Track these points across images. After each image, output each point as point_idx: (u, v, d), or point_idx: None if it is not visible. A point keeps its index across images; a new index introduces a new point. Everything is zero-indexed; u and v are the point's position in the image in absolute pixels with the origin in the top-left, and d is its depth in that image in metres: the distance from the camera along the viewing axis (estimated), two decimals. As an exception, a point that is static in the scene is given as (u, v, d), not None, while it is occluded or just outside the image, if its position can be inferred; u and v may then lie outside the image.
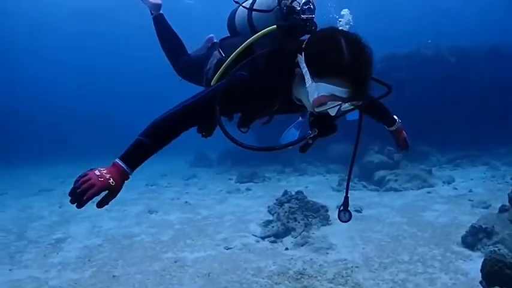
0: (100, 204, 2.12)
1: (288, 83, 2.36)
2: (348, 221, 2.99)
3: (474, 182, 10.75)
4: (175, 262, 6.18)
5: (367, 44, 2.09)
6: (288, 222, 7.27)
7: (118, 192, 2.16)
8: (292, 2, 2.56)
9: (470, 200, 8.69)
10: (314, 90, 2.07)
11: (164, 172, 15.60)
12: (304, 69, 2.13)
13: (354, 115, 3.07)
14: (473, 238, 6.12)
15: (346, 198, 2.98)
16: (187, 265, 6.04)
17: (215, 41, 3.57)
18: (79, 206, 2.05)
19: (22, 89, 38.01)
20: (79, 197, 2.02)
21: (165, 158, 19.11)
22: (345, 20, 2.98)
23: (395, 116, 3.34)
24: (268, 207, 8.69)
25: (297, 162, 14.39)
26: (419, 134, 13.46)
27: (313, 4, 2.52)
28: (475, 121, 13.82)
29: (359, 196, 10.03)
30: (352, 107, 2.15)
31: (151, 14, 3.92)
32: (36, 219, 9.20)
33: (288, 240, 6.91)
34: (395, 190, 10.38)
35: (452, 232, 6.74)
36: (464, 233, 6.24)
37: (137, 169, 2.27)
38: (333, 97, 2.04)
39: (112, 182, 2.09)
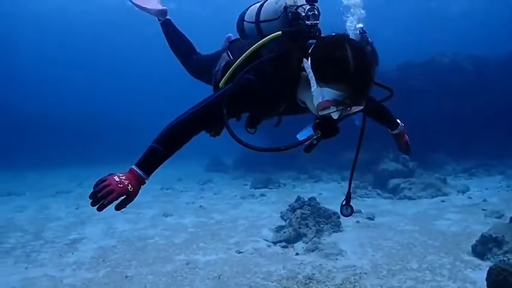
0: (118, 208, 2.25)
1: (293, 87, 2.45)
2: (350, 215, 3.06)
3: (489, 191, 10.74)
4: (187, 264, 6.28)
5: (370, 52, 2.19)
6: (299, 228, 7.34)
7: (135, 197, 2.28)
8: (297, 8, 2.64)
9: (483, 210, 8.69)
10: (319, 94, 2.16)
11: (180, 176, 15.77)
12: (310, 74, 2.21)
13: (360, 120, 3.17)
14: (483, 247, 6.12)
15: (349, 193, 3.05)
16: (198, 267, 6.14)
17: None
18: (99, 210, 2.18)
19: (40, 92, 38.60)
20: (100, 201, 2.15)
21: (181, 163, 19.30)
22: (355, 12, 2.99)
23: (398, 120, 3.41)
24: (281, 212, 8.77)
25: (312, 169, 14.47)
26: (435, 143, 13.53)
27: (317, 10, 2.61)
28: (491, 130, 13.77)
29: (372, 204, 10.08)
30: (354, 111, 2.24)
31: (159, 20, 4.06)
32: (53, 220, 9.40)
33: (299, 245, 6.98)
34: (409, 198, 10.39)
35: (463, 241, 6.74)
36: (475, 242, 6.26)
37: (153, 174, 2.40)
38: (337, 102, 2.13)
39: (130, 188, 2.22)
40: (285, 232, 7.31)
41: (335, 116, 2.20)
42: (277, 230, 7.64)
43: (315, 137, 2.37)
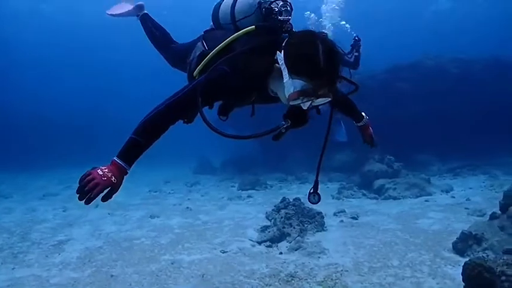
0: (105, 199, 2.36)
1: (265, 78, 2.59)
2: (317, 203, 3.20)
3: (473, 190, 10.88)
4: (172, 264, 6.36)
5: (339, 49, 2.32)
6: (283, 227, 7.44)
7: (119, 187, 2.40)
8: (270, 4, 2.76)
9: (466, 208, 8.81)
10: (290, 85, 2.30)
11: (168, 179, 15.79)
12: (283, 66, 2.34)
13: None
14: (463, 244, 6.26)
15: (316, 181, 3.19)
16: (183, 266, 6.23)
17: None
18: (87, 203, 2.29)
19: (35, 95, 38.45)
20: (86, 194, 2.26)
21: (170, 166, 19.34)
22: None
23: (363, 113, 3.55)
24: (266, 213, 8.86)
25: (299, 171, 14.53)
26: (421, 143, 13.69)
27: (290, 6, 2.74)
28: (476, 131, 13.94)
29: (358, 204, 10.20)
30: (322, 102, 2.38)
31: (137, 15, 4.21)
32: (40, 222, 9.43)
33: (283, 244, 7.08)
34: (394, 198, 10.51)
35: (444, 239, 6.87)
36: (455, 239, 6.38)
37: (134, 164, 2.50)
38: (306, 93, 2.27)
39: (114, 180, 2.34)
40: (269, 232, 7.40)
41: (304, 106, 2.35)
42: (262, 230, 7.73)
43: (285, 126, 2.48)
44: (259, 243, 7.20)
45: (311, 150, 11.86)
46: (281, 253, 6.69)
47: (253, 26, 2.67)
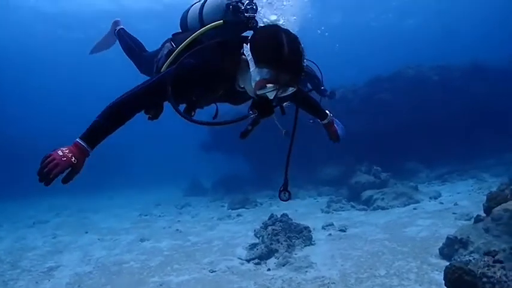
0: (65, 181, 2.35)
1: (232, 71, 2.70)
2: (288, 200, 3.25)
3: (461, 195, 10.93)
4: (161, 285, 6.38)
5: (301, 42, 2.44)
6: (271, 244, 7.45)
7: (81, 169, 2.39)
8: (237, 2, 2.89)
9: (454, 213, 8.85)
10: (257, 74, 2.42)
11: (159, 202, 15.77)
12: (250, 57, 2.47)
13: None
14: (449, 249, 6.30)
15: (286, 179, 3.25)
16: (171, 288, 6.23)
17: None
18: (46, 184, 2.28)
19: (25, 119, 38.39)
20: (46, 175, 2.24)
21: (161, 188, 19.29)
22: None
23: (327, 111, 3.68)
24: (255, 230, 8.87)
25: (289, 187, 14.54)
26: (408, 152, 13.80)
27: (255, 5, 2.87)
28: (463, 136, 14.08)
29: (346, 216, 10.23)
30: (287, 93, 2.49)
31: (114, 30, 4.37)
32: (30, 250, 9.40)
33: (272, 261, 7.09)
34: (382, 208, 10.56)
35: (431, 245, 6.90)
36: (441, 245, 6.42)
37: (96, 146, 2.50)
38: (272, 81, 2.38)
39: (74, 160, 2.33)
40: (257, 249, 7.41)
41: (271, 95, 2.45)
42: (250, 247, 7.75)
43: (252, 116, 2.55)
44: (248, 261, 7.22)
45: (299, 165, 11.98)
46: (269, 269, 6.71)
47: (222, 21, 2.79)
